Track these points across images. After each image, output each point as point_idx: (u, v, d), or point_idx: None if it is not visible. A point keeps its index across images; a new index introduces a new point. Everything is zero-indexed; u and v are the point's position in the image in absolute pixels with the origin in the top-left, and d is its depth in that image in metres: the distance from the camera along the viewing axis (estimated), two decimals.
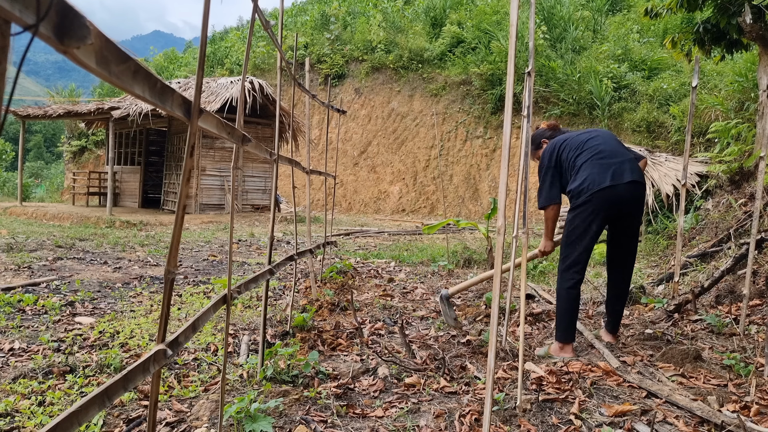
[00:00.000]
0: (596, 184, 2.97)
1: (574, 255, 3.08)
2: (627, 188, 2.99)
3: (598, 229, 3.05)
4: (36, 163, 36.55)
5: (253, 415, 2.07)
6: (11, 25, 0.50)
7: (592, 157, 3.07)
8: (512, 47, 1.80)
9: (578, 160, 3.10)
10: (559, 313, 3.11)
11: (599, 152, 3.08)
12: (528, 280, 5.58)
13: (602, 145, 3.11)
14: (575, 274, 3.08)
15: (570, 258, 3.09)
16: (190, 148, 1.12)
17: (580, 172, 3.06)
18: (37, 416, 2.16)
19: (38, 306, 3.99)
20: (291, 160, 3.07)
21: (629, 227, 3.18)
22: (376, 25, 20.12)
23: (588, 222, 3.02)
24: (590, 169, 3.02)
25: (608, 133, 3.27)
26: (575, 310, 3.10)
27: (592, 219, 3.01)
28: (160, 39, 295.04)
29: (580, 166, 3.07)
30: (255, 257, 7.12)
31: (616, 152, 3.10)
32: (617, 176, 2.98)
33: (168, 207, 14.37)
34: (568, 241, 3.11)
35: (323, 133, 19.08)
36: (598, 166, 3.02)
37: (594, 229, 3.03)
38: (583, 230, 3.04)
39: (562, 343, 3.09)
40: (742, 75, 9.44)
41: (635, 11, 17.69)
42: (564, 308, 3.09)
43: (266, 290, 2.65)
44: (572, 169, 3.12)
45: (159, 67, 28.44)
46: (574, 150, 3.15)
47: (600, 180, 2.97)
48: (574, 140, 3.22)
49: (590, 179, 3.00)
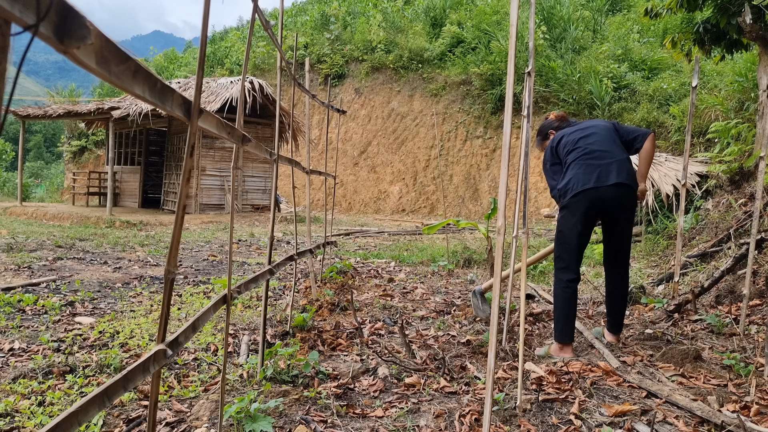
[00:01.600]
0: (580, 185, 3.01)
1: (564, 254, 3.12)
2: (610, 190, 3.00)
3: (583, 228, 3.06)
4: (36, 163, 36.55)
5: (253, 415, 2.07)
6: (11, 25, 0.50)
7: (580, 156, 3.09)
8: (512, 47, 1.80)
9: (568, 158, 3.14)
10: (556, 314, 3.12)
11: (589, 152, 3.09)
12: (528, 280, 5.58)
13: (594, 144, 3.12)
14: (567, 273, 3.10)
15: (561, 257, 3.14)
16: (190, 148, 1.12)
17: (568, 171, 3.11)
18: (37, 416, 2.16)
19: (38, 306, 3.99)
20: (291, 160, 3.07)
21: (618, 228, 3.18)
22: (376, 25, 20.13)
23: (573, 222, 3.05)
24: (576, 169, 3.06)
25: (605, 129, 3.24)
26: (572, 310, 3.10)
27: (576, 219, 3.04)
28: (160, 39, 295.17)
29: (568, 165, 3.12)
30: (255, 257, 7.12)
31: (606, 152, 3.09)
32: (602, 177, 3.00)
33: (168, 207, 14.36)
34: (557, 240, 3.16)
35: (323, 133, 19.08)
36: (585, 167, 3.04)
37: (579, 228, 3.05)
38: (570, 229, 3.07)
39: (561, 344, 3.09)
40: (742, 75, 9.44)
41: (635, 11, 17.69)
42: (560, 308, 3.10)
43: (266, 290, 2.65)
44: (563, 167, 3.17)
45: (159, 67, 28.45)
46: (568, 146, 3.18)
47: (584, 181, 3.01)
48: (570, 137, 3.24)
49: (575, 180, 3.03)
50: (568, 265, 3.10)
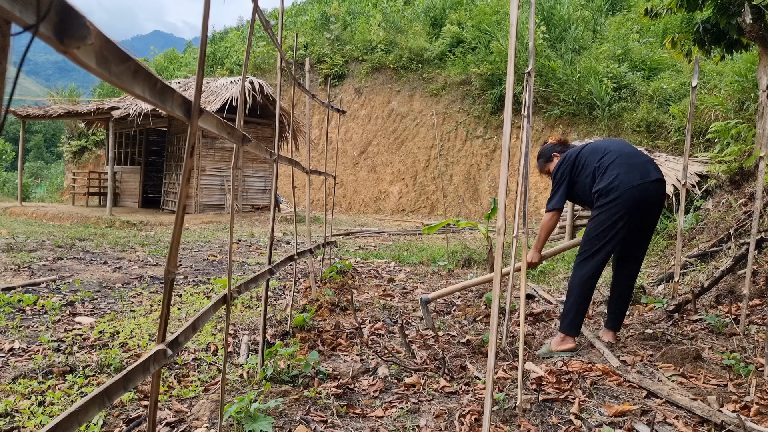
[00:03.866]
0: (626, 182, 3.05)
1: (595, 248, 3.12)
2: (654, 186, 3.09)
3: (623, 226, 3.08)
4: (36, 163, 36.54)
5: (253, 415, 2.07)
6: (11, 25, 0.50)
7: (618, 157, 3.17)
8: (512, 47, 1.80)
9: (604, 161, 3.19)
10: (569, 305, 3.14)
11: (624, 153, 3.20)
12: (528, 280, 5.58)
13: (625, 148, 3.26)
14: (593, 267, 3.12)
15: (590, 251, 3.14)
16: (190, 148, 1.12)
17: (608, 171, 3.13)
18: (37, 416, 2.16)
19: (38, 306, 3.98)
20: (291, 160, 3.07)
21: (650, 225, 3.25)
22: (376, 25, 20.13)
23: (616, 218, 3.06)
24: (619, 169, 3.11)
25: (621, 140, 3.42)
26: (586, 303, 3.14)
27: (620, 216, 3.05)
28: (160, 39, 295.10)
29: (607, 166, 3.15)
30: (255, 257, 7.12)
31: (637, 153, 3.24)
32: (645, 175, 3.08)
33: (168, 207, 14.36)
34: (591, 236, 3.16)
35: (323, 133, 19.08)
36: (627, 166, 3.11)
37: (620, 225, 3.07)
38: (609, 226, 3.08)
39: (565, 335, 3.12)
40: (742, 75, 9.43)
41: (635, 11, 17.68)
42: (575, 299, 3.12)
43: (266, 290, 2.65)
44: (598, 171, 3.19)
45: (159, 67, 28.45)
46: (597, 154, 3.25)
47: (629, 178, 3.06)
48: (593, 147, 3.32)
49: (620, 178, 3.07)
50: (600, 260, 3.12)
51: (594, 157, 3.24)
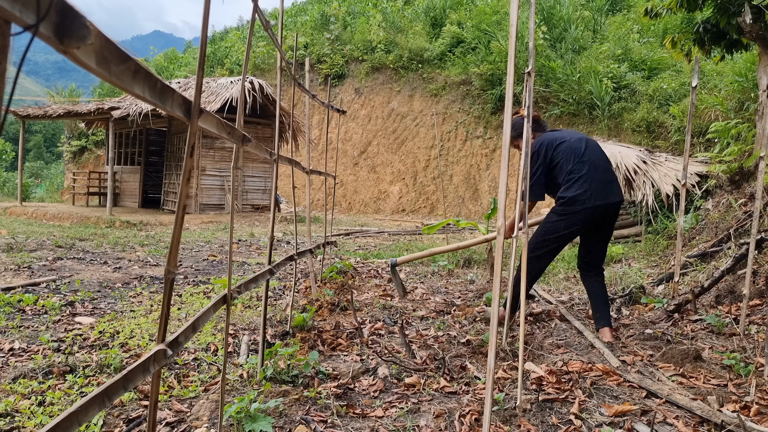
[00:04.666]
0: (591, 200, 3.26)
1: (549, 248, 3.40)
2: (612, 206, 3.35)
3: (576, 232, 3.38)
4: (36, 163, 36.54)
5: (253, 415, 2.07)
6: (11, 25, 0.50)
7: (590, 171, 3.32)
8: (512, 47, 1.80)
9: (576, 169, 3.33)
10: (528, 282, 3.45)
11: (597, 168, 3.35)
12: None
13: (598, 161, 3.40)
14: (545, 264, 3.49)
15: (545, 250, 3.40)
16: (190, 148, 1.12)
17: (578, 182, 3.30)
18: (37, 416, 2.16)
19: (38, 306, 3.98)
20: (291, 160, 3.07)
21: (606, 236, 3.53)
22: (376, 25, 20.12)
23: (571, 229, 3.33)
24: (588, 185, 3.28)
25: (595, 144, 3.51)
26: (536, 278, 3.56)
27: (577, 228, 3.34)
28: (160, 39, 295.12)
29: (578, 177, 3.31)
30: (255, 257, 7.12)
31: (607, 170, 3.41)
32: (608, 196, 3.31)
33: (168, 207, 14.36)
34: (548, 236, 3.37)
35: (323, 133, 19.08)
36: (597, 183, 3.30)
37: (573, 235, 3.38)
38: (564, 234, 3.34)
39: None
40: (742, 75, 9.43)
41: (635, 11, 17.68)
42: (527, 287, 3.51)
43: (266, 290, 2.65)
44: (569, 176, 3.33)
45: (159, 67, 28.45)
46: (572, 157, 3.36)
47: (595, 197, 3.26)
48: (570, 147, 3.40)
49: (587, 195, 3.26)
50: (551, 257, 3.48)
51: (569, 159, 3.36)
